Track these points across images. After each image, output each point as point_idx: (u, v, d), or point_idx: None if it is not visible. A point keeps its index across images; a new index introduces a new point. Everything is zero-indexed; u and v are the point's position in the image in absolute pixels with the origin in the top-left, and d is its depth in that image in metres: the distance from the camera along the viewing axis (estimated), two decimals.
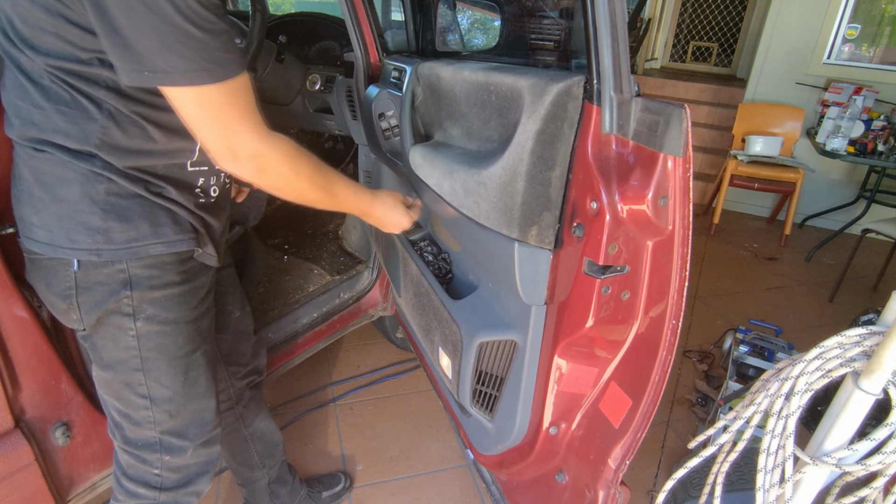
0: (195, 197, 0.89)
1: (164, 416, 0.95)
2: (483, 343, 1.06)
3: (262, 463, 1.38)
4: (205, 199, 0.91)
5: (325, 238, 2.10)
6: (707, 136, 4.21)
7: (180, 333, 0.92)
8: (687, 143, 0.67)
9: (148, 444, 0.97)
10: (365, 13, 1.46)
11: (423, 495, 1.62)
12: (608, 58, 0.74)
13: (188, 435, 0.99)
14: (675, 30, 5.32)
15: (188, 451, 1.00)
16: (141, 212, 0.82)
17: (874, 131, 3.03)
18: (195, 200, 0.89)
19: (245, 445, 1.34)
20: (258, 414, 1.35)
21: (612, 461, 0.91)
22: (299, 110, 1.92)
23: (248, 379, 1.31)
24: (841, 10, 3.39)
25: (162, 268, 0.86)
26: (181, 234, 0.86)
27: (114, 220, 0.80)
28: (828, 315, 2.68)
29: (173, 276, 0.88)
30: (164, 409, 0.95)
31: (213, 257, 0.94)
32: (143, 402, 0.93)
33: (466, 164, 0.99)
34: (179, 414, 0.97)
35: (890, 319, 0.74)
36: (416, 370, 2.14)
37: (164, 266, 0.86)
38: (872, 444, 0.74)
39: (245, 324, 1.26)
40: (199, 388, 0.99)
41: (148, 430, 0.95)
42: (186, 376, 0.95)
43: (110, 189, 0.79)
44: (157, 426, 0.95)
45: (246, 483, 1.42)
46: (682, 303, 0.76)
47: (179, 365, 0.94)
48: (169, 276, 0.87)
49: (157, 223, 0.83)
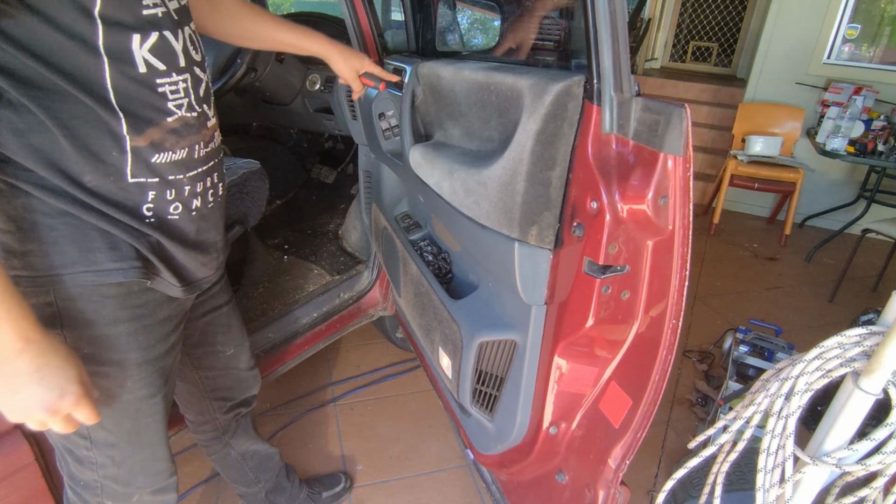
0: (141, 218, 0.74)
1: (107, 460, 0.83)
2: (483, 343, 1.06)
3: (256, 478, 1.36)
4: (156, 220, 0.76)
5: (325, 238, 2.10)
6: (707, 136, 4.21)
7: (129, 377, 0.79)
8: (687, 142, 0.67)
9: (89, 485, 0.86)
10: (365, 13, 1.46)
11: (423, 495, 1.62)
12: (608, 57, 0.74)
13: (135, 483, 0.88)
14: (675, 30, 5.32)
15: (133, 498, 0.88)
16: (67, 233, 0.69)
17: (874, 131, 3.03)
18: (142, 220, 0.74)
19: (238, 465, 1.32)
20: (248, 439, 1.30)
21: (613, 461, 0.91)
22: (299, 110, 1.92)
23: (235, 412, 1.21)
24: (841, 10, 3.39)
25: (100, 301, 0.73)
26: (119, 261, 0.72)
27: (33, 243, 0.67)
28: (828, 315, 2.68)
29: (117, 312, 0.75)
30: (106, 454, 0.83)
31: (174, 287, 0.80)
32: (83, 441, 0.81)
33: (466, 163, 0.99)
34: (125, 462, 0.85)
35: (890, 319, 0.74)
36: (416, 370, 2.14)
37: (102, 300, 0.73)
38: (872, 444, 0.74)
39: (238, 360, 1.15)
40: (150, 436, 0.86)
41: (89, 472, 0.84)
42: (135, 423, 0.83)
43: (28, 205, 0.67)
44: (100, 469, 0.84)
45: (244, 496, 1.41)
46: (683, 302, 0.76)
47: (127, 410, 0.81)
48: (110, 310, 0.74)
49: (86, 247, 0.70)
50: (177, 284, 0.80)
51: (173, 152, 0.75)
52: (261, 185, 1.56)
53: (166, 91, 0.72)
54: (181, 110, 0.75)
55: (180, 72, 0.74)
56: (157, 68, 0.71)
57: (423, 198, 1.26)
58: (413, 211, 1.59)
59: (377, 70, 1.25)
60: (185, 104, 0.75)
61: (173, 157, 0.75)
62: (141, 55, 0.68)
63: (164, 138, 0.73)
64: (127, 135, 0.69)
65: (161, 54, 0.71)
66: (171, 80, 0.73)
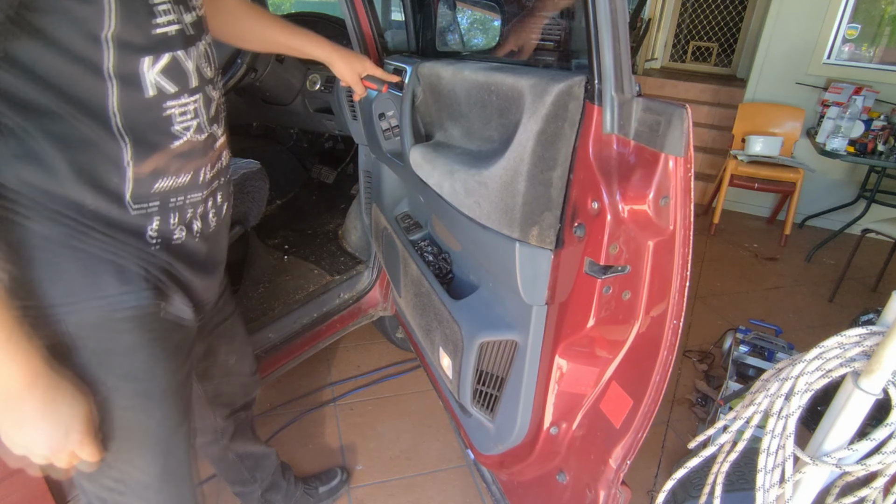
0: (146, 244, 0.71)
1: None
2: (484, 343, 1.06)
3: (252, 477, 1.36)
4: (161, 244, 0.72)
5: (325, 238, 2.10)
6: (707, 136, 4.21)
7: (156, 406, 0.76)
8: (688, 143, 0.67)
9: None
10: (365, 13, 1.46)
11: (423, 495, 1.62)
12: (609, 57, 0.74)
13: None
14: (675, 30, 5.32)
15: None
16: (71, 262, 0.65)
17: (874, 131, 3.03)
18: (148, 247, 0.71)
19: (235, 466, 1.32)
20: (246, 441, 1.29)
21: (613, 461, 0.91)
22: (299, 110, 1.92)
23: (235, 416, 1.20)
24: (841, 10, 3.39)
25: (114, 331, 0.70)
26: (128, 286, 0.69)
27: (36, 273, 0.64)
28: (828, 315, 2.68)
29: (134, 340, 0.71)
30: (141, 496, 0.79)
31: (187, 310, 0.77)
32: (117, 485, 0.77)
33: (467, 164, 0.99)
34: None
35: (890, 319, 0.74)
36: (416, 370, 2.14)
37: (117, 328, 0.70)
38: (872, 444, 0.74)
39: (242, 367, 1.13)
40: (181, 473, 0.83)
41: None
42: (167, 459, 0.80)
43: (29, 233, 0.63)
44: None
45: (240, 494, 1.41)
46: (683, 303, 0.76)
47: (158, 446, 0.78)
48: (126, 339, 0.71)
49: (92, 275, 0.67)
50: (188, 307, 0.77)
51: (177, 177, 0.72)
52: (261, 185, 1.56)
53: (174, 114, 0.69)
54: (188, 133, 0.71)
55: (192, 93, 0.71)
56: (166, 91, 0.67)
57: (424, 198, 1.26)
58: (413, 211, 1.59)
59: (379, 72, 1.25)
60: (193, 126, 0.72)
61: (176, 181, 0.72)
62: (150, 78, 0.65)
63: (169, 164, 0.70)
64: (130, 160, 0.66)
65: (172, 76, 0.67)
66: (181, 101, 0.69)
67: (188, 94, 0.70)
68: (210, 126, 0.75)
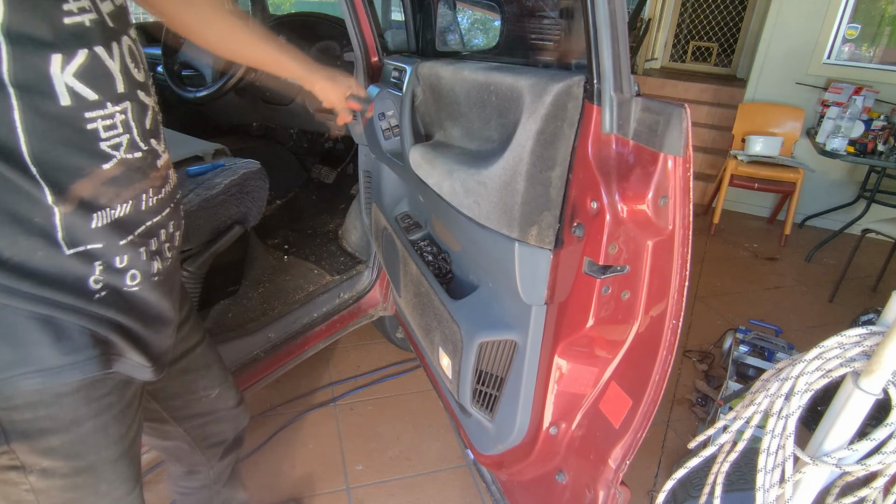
0: (88, 294, 0.58)
1: None
2: (483, 343, 1.06)
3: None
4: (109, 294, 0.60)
5: (325, 238, 2.10)
6: (707, 136, 4.21)
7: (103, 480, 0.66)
8: (687, 142, 0.67)
9: None
10: (365, 13, 1.46)
11: (423, 495, 1.62)
12: (608, 57, 0.74)
13: None
14: (675, 30, 5.32)
15: None
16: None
17: (874, 131, 3.03)
18: (90, 298, 0.58)
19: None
20: (235, 487, 1.20)
21: (613, 461, 0.91)
22: (299, 110, 1.93)
23: (230, 455, 1.10)
24: (841, 10, 3.39)
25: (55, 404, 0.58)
26: (71, 353, 0.57)
27: None
28: (828, 315, 2.68)
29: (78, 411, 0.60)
30: None
31: (145, 368, 0.66)
32: None
33: (466, 163, 0.99)
34: None
35: (890, 319, 0.74)
36: (416, 370, 2.14)
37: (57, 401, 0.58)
38: (872, 444, 0.74)
39: (225, 400, 1.01)
40: None
41: None
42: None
43: None
44: None
45: None
46: (683, 303, 0.76)
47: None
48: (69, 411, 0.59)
49: (24, 343, 0.54)
50: (147, 364, 0.66)
51: (113, 209, 0.58)
52: (261, 185, 1.56)
53: (98, 128, 0.55)
54: (120, 151, 0.58)
55: (118, 100, 0.57)
56: (85, 99, 0.53)
57: (423, 198, 1.26)
58: (413, 211, 1.59)
59: (363, 93, 1.24)
60: (124, 143, 0.58)
61: (114, 214, 0.59)
62: (63, 82, 0.51)
63: (99, 192, 0.57)
64: (49, 193, 0.52)
65: (91, 79, 0.53)
66: (106, 112, 0.56)
67: (114, 101, 0.57)
68: (145, 142, 0.62)
